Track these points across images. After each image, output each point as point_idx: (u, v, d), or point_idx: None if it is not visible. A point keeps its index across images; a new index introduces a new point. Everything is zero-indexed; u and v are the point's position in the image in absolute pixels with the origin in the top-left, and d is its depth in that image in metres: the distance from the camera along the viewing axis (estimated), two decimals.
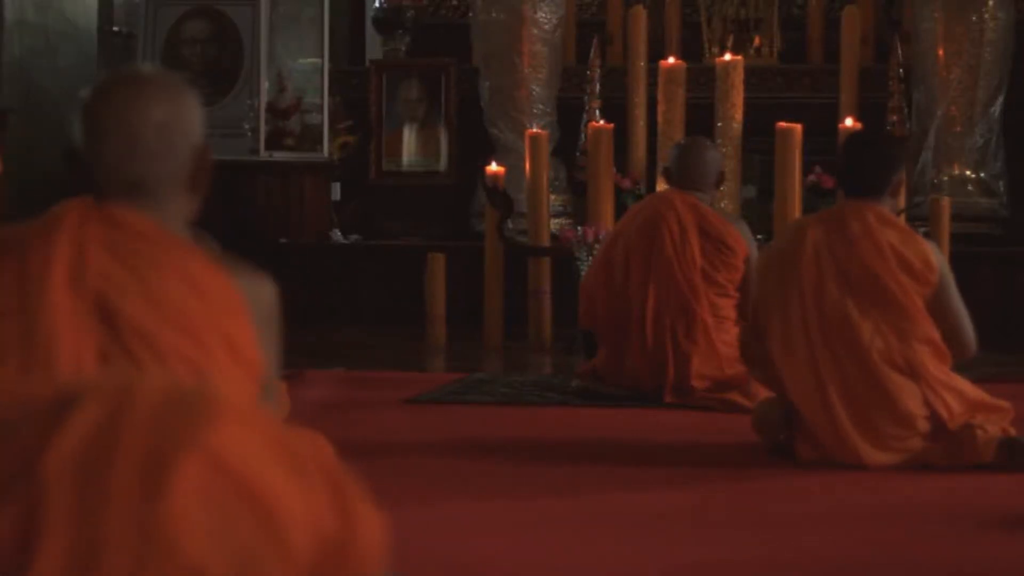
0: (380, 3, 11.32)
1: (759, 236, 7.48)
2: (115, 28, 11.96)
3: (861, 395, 5.22)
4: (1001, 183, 10.04)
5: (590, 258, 8.07)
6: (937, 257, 5.38)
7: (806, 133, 9.01)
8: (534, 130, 9.57)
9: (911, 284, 5.30)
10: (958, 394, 5.24)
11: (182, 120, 2.68)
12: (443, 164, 10.98)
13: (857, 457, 5.19)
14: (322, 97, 10.72)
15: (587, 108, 10.20)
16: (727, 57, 9.90)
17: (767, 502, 4.74)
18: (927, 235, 7.58)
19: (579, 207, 9.94)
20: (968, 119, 9.99)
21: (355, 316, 10.01)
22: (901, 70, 10.11)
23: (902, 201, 8.39)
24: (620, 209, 8.74)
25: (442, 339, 8.95)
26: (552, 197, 9.63)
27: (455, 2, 11.67)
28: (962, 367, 5.56)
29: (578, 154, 10.21)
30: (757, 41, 10.90)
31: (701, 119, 9.56)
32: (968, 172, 10.02)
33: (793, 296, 5.33)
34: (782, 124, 9.02)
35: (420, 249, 9.64)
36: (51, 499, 1.63)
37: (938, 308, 5.30)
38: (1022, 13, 10.35)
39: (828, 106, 10.16)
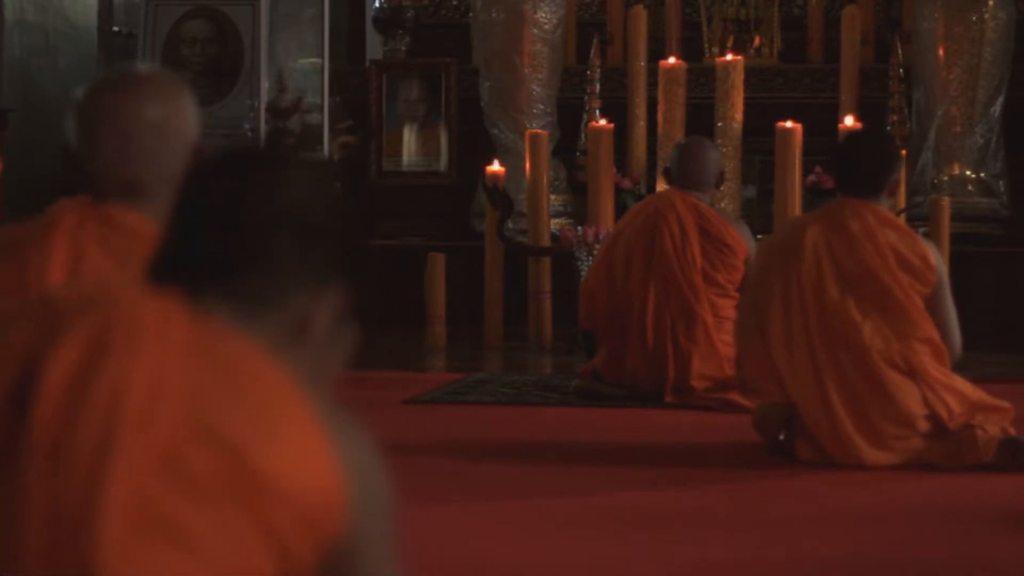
0: (380, 3, 11.32)
1: (759, 236, 7.48)
2: (115, 28, 11.96)
3: (861, 395, 5.22)
4: (1001, 183, 10.04)
5: (590, 258, 8.06)
6: (936, 257, 5.39)
7: (806, 133, 9.01)
8: (534, 130, 9.57)
9: (911, 283, 5.30)
10: (958, 394, 5.25)
11: (176, 119, 2.67)
12: (443, 164, 10.98)
13: (857, 457, 5.18)
14: (322, 97, 10.72)
15: (587, 108, 10.20)
16: (727, 57, 9.90)
17: (767, 502, 4.74)
18: (927, 235, 7.58)
19: (579, 207, 9.94)
20: (968, 119, 9.98)
21: (355, 316, 9.99)
22: (901, 70, 10.11)
23: (902, 201, 8.41)
24: (620, 209, 8.74)
25: (442, 339, 8.95)
26: (552, 197, 9.62)
27: (455, 2, 11.66)
28: (962, 367, 5.56)
29: (578, 154, 10.21)
30: (757, 41, 10.89)
31: (701, 119, 9.55)
32: (968, 172, 10.02)
33: (793, 296, 5.33)
34: (782, 124, 9.02)
35: (420, 249, 9.63)
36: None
37: (930, 308, 5.32)
38: (1022, 13, 10.34)
39: (828, 106, 10.16)
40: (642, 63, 10.10)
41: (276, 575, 1.59)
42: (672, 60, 9.89)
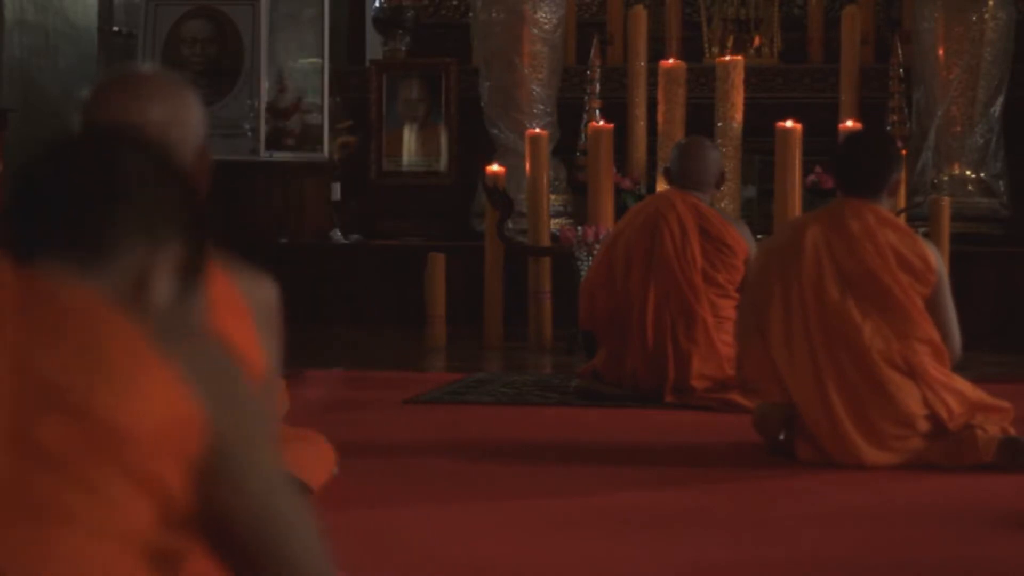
0: (380, 3, 11.31)
1: (759, 236, 7.48)
2: (115, 28, 11.96)
3: (861, 395, 5.22)
4: (1001, 183, 10.04)
5: (590, 258, 8.07)
6: (936, 258, 5.39)
7: (806, 133, 9.01)
8: (534, 130, 9.57)
9: (911, 283, 5.30)
10: (958, 394, 5.24)
11: (181, 120, 2.67)
12: (443, 164, 10.98)
13: (857, 457, 5.19)
14: (322, 97, 10.72)
15: (587, 108, 10.20)
16: (727, 57, 9.90)
17: (767, 502, 4.74)
18: (927, 235, 7.58)
19: (579, 207, 9.94)
20: (968, 119, 9.99)
21: (355, 316, 10.01)
22: (901, 70, 10.11)
23: (902, 201, 8.41)
24: (620, 209, 8.74)
25: (442, 339, 8.95)
26: (552, 197, 9.62)
27: (455, 2, 11.66)
28: (962, 367, 5.56)
29: (578, 154, 10.21)
30: (757, 41, 10.89)
31: (701, 119, 9.55)
32: (968, 172, 10.02)
33: (793, 296, 5.33)
34: (782, 124, 9.02)
35: (420, 249, 9.63)
36: None
37: (930, 308, 5.32)
38: (1022, 13, 10.35)
39: (828, 106, 10.16)
40: (642, 63, 10.10)
41: (158, 517, 1.57)
42: (672, 60, 9.89)
